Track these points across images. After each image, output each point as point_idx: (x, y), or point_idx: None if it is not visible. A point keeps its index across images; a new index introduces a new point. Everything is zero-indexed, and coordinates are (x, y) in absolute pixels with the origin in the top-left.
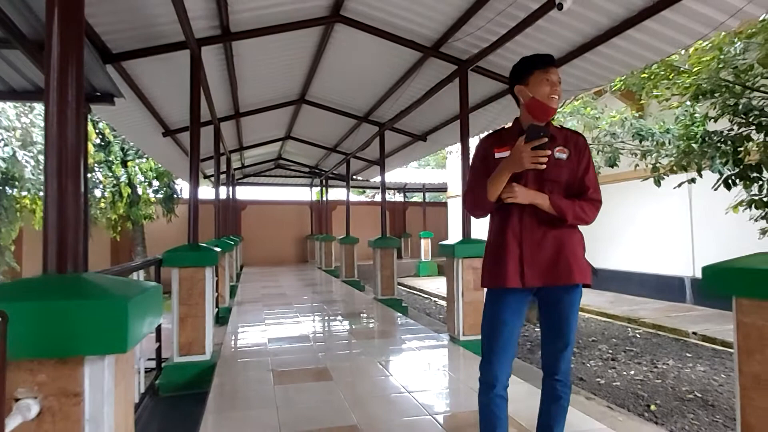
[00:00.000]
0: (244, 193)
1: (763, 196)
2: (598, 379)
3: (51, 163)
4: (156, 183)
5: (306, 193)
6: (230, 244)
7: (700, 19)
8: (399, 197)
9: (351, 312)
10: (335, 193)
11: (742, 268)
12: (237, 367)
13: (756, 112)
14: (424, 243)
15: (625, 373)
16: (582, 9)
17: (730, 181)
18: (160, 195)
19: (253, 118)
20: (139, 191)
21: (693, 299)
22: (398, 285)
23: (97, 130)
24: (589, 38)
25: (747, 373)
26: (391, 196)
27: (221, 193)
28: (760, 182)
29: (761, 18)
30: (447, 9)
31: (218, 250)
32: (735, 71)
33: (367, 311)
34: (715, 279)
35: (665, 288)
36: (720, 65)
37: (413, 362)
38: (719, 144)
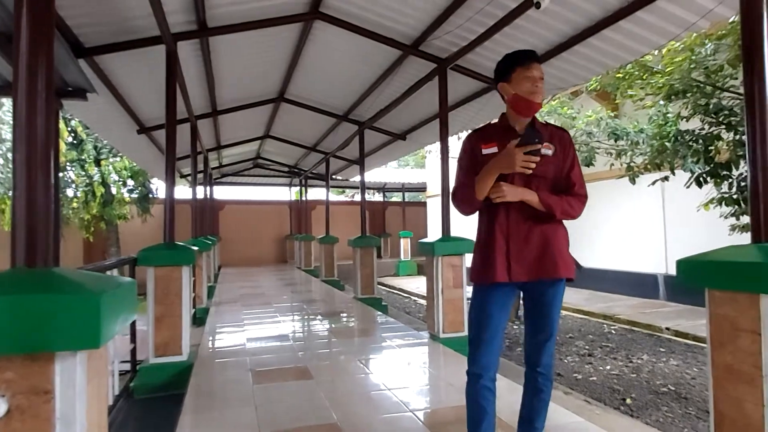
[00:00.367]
0: (222, 192)
1: (732, 193)
2: (576, 375)
3: (20, 155)
4: (131, 182)
5: (285, 193)
6: (208, 243)
7: (673, 19)
8: (378, 197)
9: (331, 311)
10: (314, 193)
11: (714, 261)
12: (215, 367)
13: (726, 112)
14: (404, 242)
15: (601, 368)
16: (559, 8)
17: (701, 179)
18: (135, 194)
19: (231, 116)
20: (113, 191)
21: (666, 296)
22: (378, 284)
23: (70, 127)
24: (566, 38)
25: (719, 363)
26: (370, 195)
27: (198, 192)
28: (730, 180)
29: (730, 20)
30: (426, 7)
31: (195, 249)
32: (706, 72)
33: (347, 310)
34: (688, 272)
35: (639, 285)
36: (691, 66)
37: (393, 360)
38: (691, 143)
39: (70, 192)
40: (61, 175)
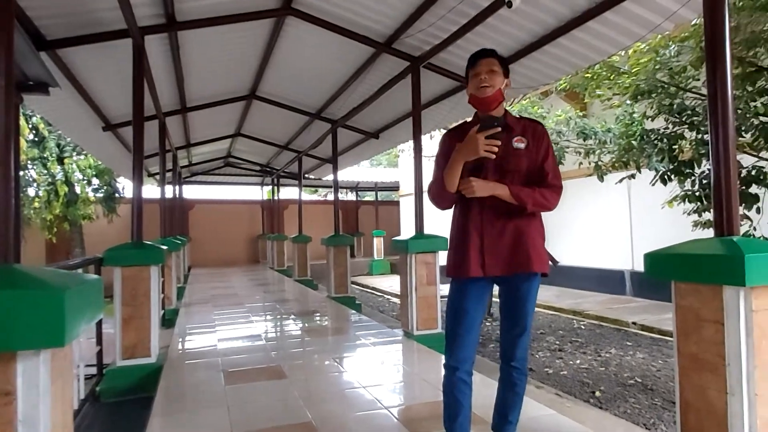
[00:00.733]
0: (192, 192)
1: (695, 190)
2: (547, 369)
3: None
4: (96, 181)
5: (257, 192)
6: (177, 243)
7: (639, 21)
8: (351, 196)
9: (304, 310)
10: (287, 192)
11: (679, 254)
12: (185, 368)
13: (689, 112)
14: (377, 242)
15: (571, 363)
16: (530, 8)
17: (665, 176)
18: (100, 194)
19: (201, 113)
20: (78, 190)
21: (632, 291)
22: (352, 283)
23: (31, 124)
24: (537, 37)
25: (685, 353)
26: (343, 195)
27: (167, 192)
28: (693, 178)
29: (693, 22)
30: (399, 4)
31: (165, 248)
32: (670, 73)
33: (320, 309)
34: (655, 265)
35: (607, 281)
36: (656, 67)
37: (368, 358)
38: (656, 142)
39: (31, 191)
40: (21, 173)
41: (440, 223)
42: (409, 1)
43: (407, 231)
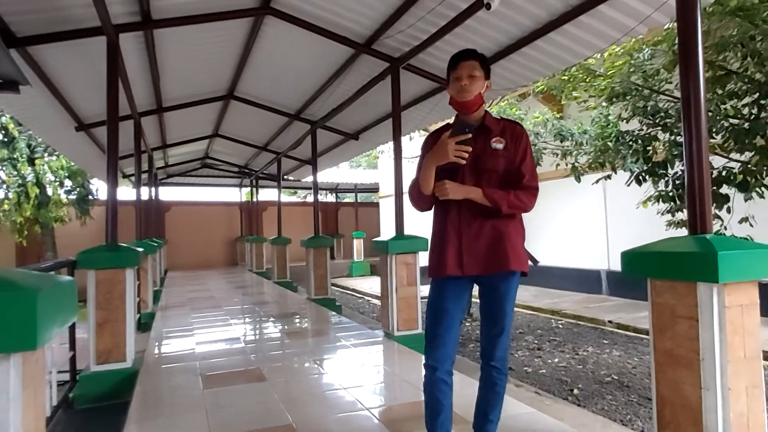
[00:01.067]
0: (168, 193)
1: (669, 191)
2: (526, 368)
3: None
4: (68, 182)
5: (235, 194)
6: (153, 246)
7: (614, 24)
8: (331, 198)
9: (284, 313)
10: (266, 194)
11: (655, 252)
12: (162, 373)
13: (662, 114)
14: (357, 243)
15: (549, 361)
16: (508, 11)
17: (640, 177)
18: (73, 196)
19: (177, 113)
20: (49, 191)
21: (608, 291)
22: (331, 285)
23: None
24: (515, 39)
25: (660, 349)
26: (323, 196)
27: (143, 193)
28: (666, 178)
29: (666, 26)
30: (378, 5)
31: (140, 251)
32: (644, 75)
33: (300, 311)
34: (631, 263)
35: (584, 281)
36: (631, 70)
37: (348, 359)
38: (631, 143)
39: (0, 193)
40: None
41: (420, 224)
42: (389, 2)
43: (387, 232)
